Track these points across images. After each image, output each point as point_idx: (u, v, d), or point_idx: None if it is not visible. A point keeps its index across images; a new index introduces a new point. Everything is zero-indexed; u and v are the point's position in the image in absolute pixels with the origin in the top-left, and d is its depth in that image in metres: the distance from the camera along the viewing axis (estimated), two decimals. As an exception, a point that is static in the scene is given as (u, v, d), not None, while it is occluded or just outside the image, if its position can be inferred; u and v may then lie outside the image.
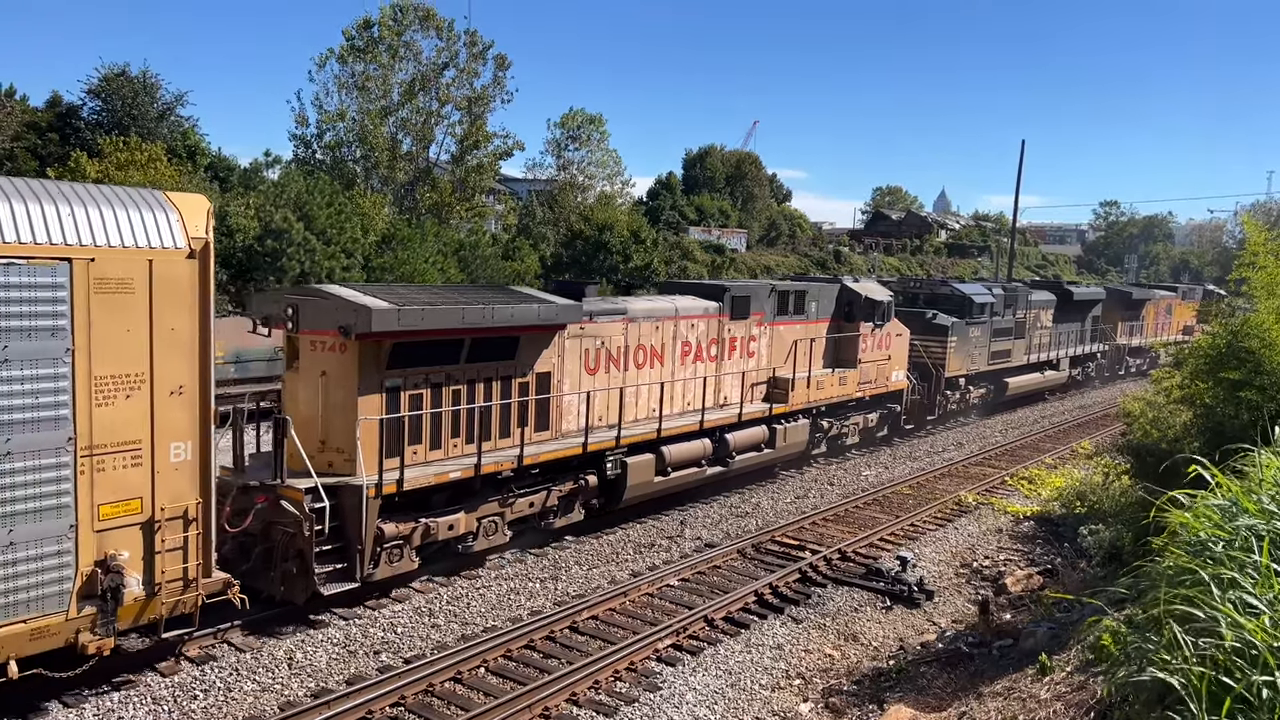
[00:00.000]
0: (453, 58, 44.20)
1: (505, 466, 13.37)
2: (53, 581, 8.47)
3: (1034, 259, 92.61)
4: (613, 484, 15.38)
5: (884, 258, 73.79)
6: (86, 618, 8.67)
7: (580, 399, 14.90)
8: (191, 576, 9.42)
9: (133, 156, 31.40)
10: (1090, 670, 7.69)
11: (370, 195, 40.10)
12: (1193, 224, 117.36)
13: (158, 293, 8.82)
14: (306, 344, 11.94)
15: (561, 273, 45.00)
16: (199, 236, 9.07)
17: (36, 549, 8.32)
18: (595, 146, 57.60)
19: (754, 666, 11.06)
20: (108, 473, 8.66)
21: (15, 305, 7.98)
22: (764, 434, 18.61)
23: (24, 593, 8.29)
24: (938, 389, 25.50)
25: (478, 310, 12.65)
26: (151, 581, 9.09)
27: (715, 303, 17.74)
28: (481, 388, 13.36)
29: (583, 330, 14.91)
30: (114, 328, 8.56)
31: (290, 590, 11.30)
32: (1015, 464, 22.51)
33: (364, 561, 11.61)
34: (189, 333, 9.08)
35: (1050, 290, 34.15)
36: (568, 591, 12.94)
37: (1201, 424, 12.63)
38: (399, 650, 10.88)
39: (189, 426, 9.19)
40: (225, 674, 9.97)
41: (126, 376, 8.71)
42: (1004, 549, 16.23)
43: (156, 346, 8.85)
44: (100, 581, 8.69)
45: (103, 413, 8.56)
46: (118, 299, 8.55)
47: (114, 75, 38.32)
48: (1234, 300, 14.19)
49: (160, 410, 8.95)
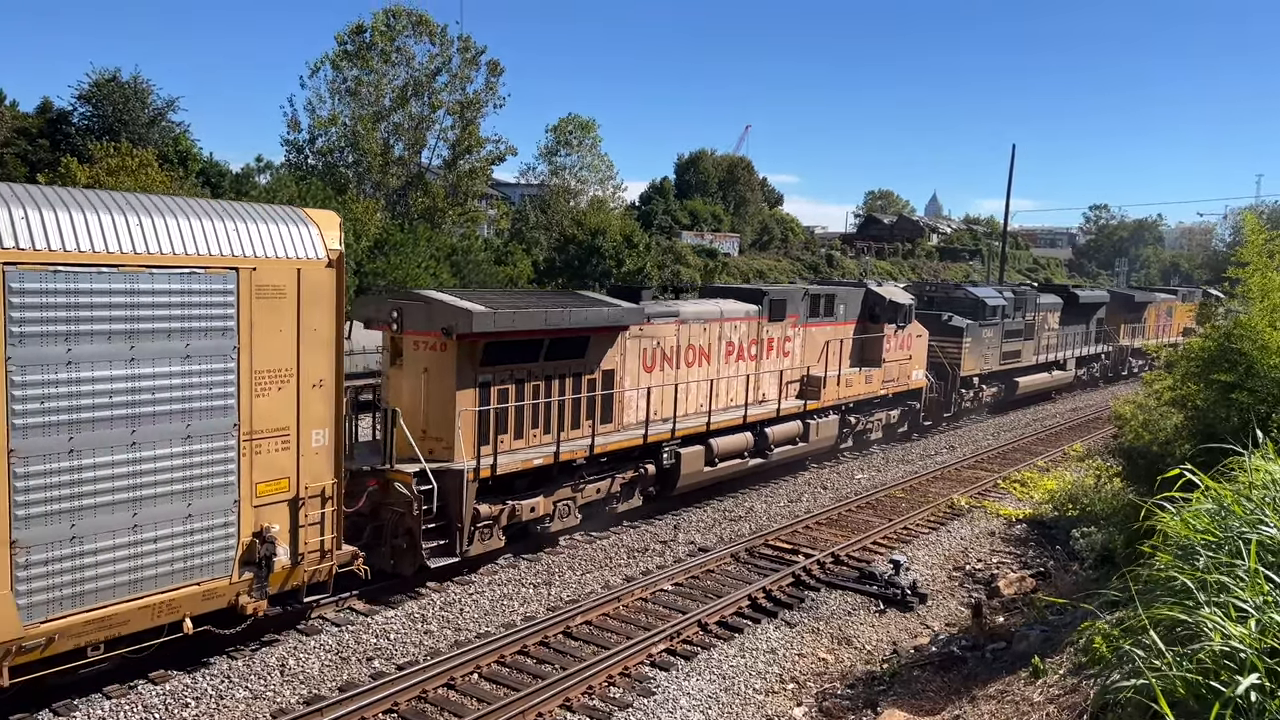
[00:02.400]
0: (445, 63, 44.28)
1: (579, 455, 14.77)
2: (220, 549, 9.76)
3: (1025, 262, 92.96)
4: (667, 473, 16.74)
5: (876, 262, 73.97)
6: (245, 582, 9.99)
7: (640, 394, 16.17)
8: (327, 548, 10.76)
9: (124, 162, 31.31)
10: (1083, 673, 7.71)
11: (363, 200, 40.07)
12: (1182, 227, 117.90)
13: (304, 297, 10.13)
14: (410, 343, 13.32)
15: (554, 278, 45.02)
16: (335, 248, 10.42)
17: (209, 520, 9.62)
18: (588, 151, 57.72)
19: (748, 671, 11.06)
20: (263, 455, 9.98)
21: (195, 309, 9.31)
22: (799, 428, 19.89)
23: (199, 559, 9.60)
24: (953, 387, 26.74)
25: (558, 313, 14.09)
26: (296, 552, 10.40)
27: (755, 306, 19.03)
28: (556, 383, 14.72)
29: (641, 331, 16.22)
30: (269, 328, 9.87)
31: (400, 564, 12.67)
32: (1008, 467, 22.56)
33: (463, 539, 12.98)
34: (327, 333, 10.42)
35: (1057, 293, 35.71)
36: (561, 597, 12.93)
37: (1193, 426, 12.66)
38: (392, 657, 10.85)
39: (326, 415, 10.53)
40: (217, 681, 9.93)
41: (279, 371, 10.02)
42: (997, 552, 16.27)
43: (302, 345, 10.17)
44: (257, 550, 9.98)
45: (260, 403, 9.88)
46: (273, 303, 9.87)
47: (105, 81, 38.27)
48: (1228, 303, 14.26)
49: (304, 401, 10.28)
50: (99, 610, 8.84)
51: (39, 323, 8.25)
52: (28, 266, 8.13)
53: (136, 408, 8.93)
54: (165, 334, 9.09)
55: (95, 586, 8.81)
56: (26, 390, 8.21)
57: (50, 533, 8.47)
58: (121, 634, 9.13)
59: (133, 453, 8.93)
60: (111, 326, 8.72)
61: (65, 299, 8.40)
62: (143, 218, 8.99)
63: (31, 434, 8.26)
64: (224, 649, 10.54)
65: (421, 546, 12.47)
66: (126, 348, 8.83)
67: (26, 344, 8.18)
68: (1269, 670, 4.21)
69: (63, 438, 8.47)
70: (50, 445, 8.40)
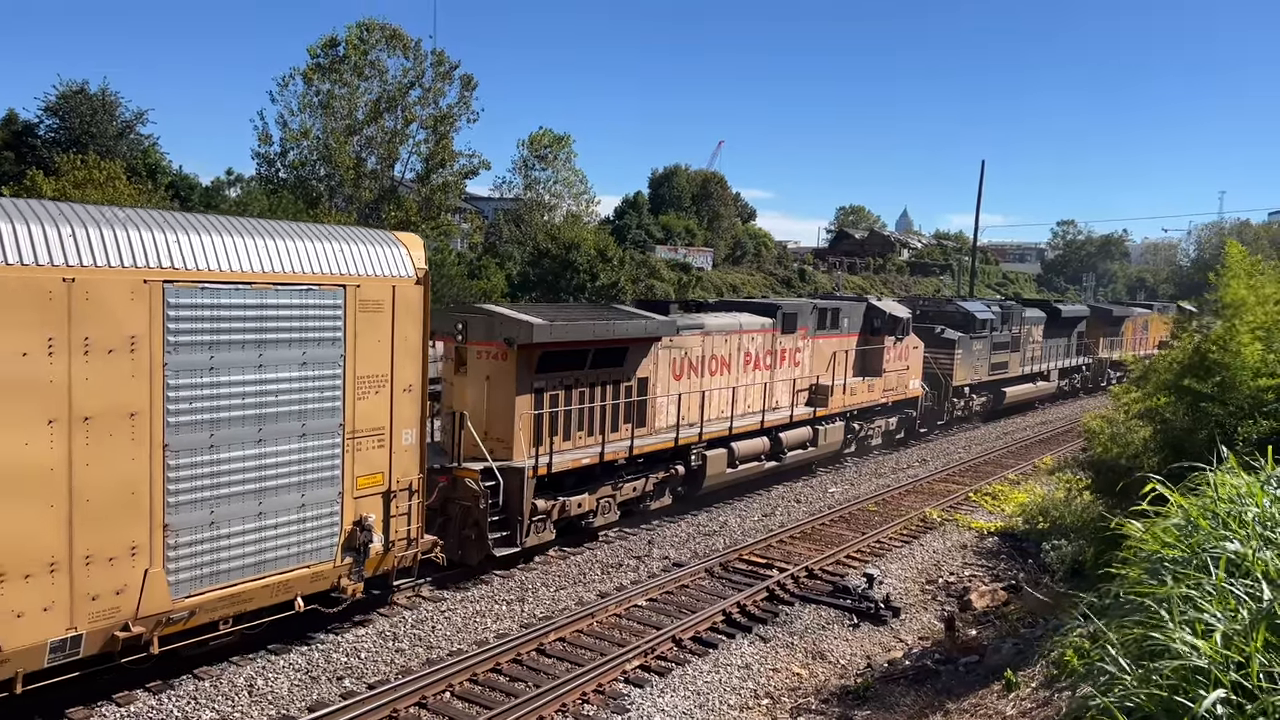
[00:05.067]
0: (419, 77, 44.13)
1: (620, 455, 16.08)
2: (326, 536, 10.91)
3: (994, 277, 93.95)
4: (694, 474, 17.94)
5: (848, 277, 74.46)
6: (346, 566, 11.16)
7: (670, 400, 17.45)
8: (413, 536, 11.93)
9: (90, 175, 30.92)
10: (1055, 686, 7.76)
11: (334, 213, 39.80)
12: (1148, 242, 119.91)
13: (397, 311, 11.32)
14: (473, 353, 14.52)
15: (529, 291, 44.90)
16: (421, 267, 11.65)
17: (318, 510, 10.78)
18: (562, 166, 57.74)
19: (722, 686, 11.02)
20: (363, 452, 11.15)
21: (311, 321, 10.49)
22: (809, 434, 21.22)
23: (310, 544, 10.75)
24: (946, 396, 28.23)
25: (603, 325, 15.52)
26: (387, 540, 11.52)
27: (769, 318, 20.27)
28: (599, 390, 15.96)
29: (670, 342, 17.44)
30: (369, 339, 11.07)
31: (467, 553, 13.85)
32: (979, 480, 22.73)
33: (523, 530, 14.20)
34: (415, 342, 11.61)
35: (1041, 308, 37.09)
36: (534, 613, 12.84)
37: (1160, 440, 12.82)
38: (362, 675, 10.72)
39: (414, 417, 11.74)
40: (183, 702, 9.75)
41: (376, 377, 11.21)
42: (969, 565, 16.37)
43: (395, 353, 11.36)
44: (356, 537, 11.11)
45: (361, 405, 11.07)
46: (372, 316, 11.07)
47: (72, 93, 37.80)
48: (1201, 319, 14.56)
49: (396, 404, 11.47)
50: (231, 588, 10.02)
51: (189, 333, 9.42)
52: (181, 284, 9.30)
53: (263, 409, 10.10)
54: (287, 343, 10.28)
55: (228, 567, 9.97)
56: (179, 392, 9.36)
57: (194, 518, 9.61)
58: (246, 610, 10.30)
59: (260, 448, 10.11)
60: (245, 336, 9.88)
61: (209, 312, 9.56)
62: (270, 240, 10.22)
63: (182, 431, 9.40)
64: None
65: (488, 537, 13.68)
66: (256, 355, 10.00)
67: (179, 352, 9.33)
68: (1235, 685, 4.24)
69: (205, 434, 9.61)
70: (195, 441, 9.54)
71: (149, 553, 9.23)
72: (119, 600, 9.06)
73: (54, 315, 8.38)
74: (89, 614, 8.85)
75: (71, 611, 8.72)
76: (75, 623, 8.76)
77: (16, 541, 8.29)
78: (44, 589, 8.51)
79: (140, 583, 9.19)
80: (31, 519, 8.37)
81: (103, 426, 8.76)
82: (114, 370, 8.81)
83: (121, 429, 8.91)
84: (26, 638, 8.43)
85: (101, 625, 8.97)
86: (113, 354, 8.80)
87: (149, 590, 9.26)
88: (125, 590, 9.10)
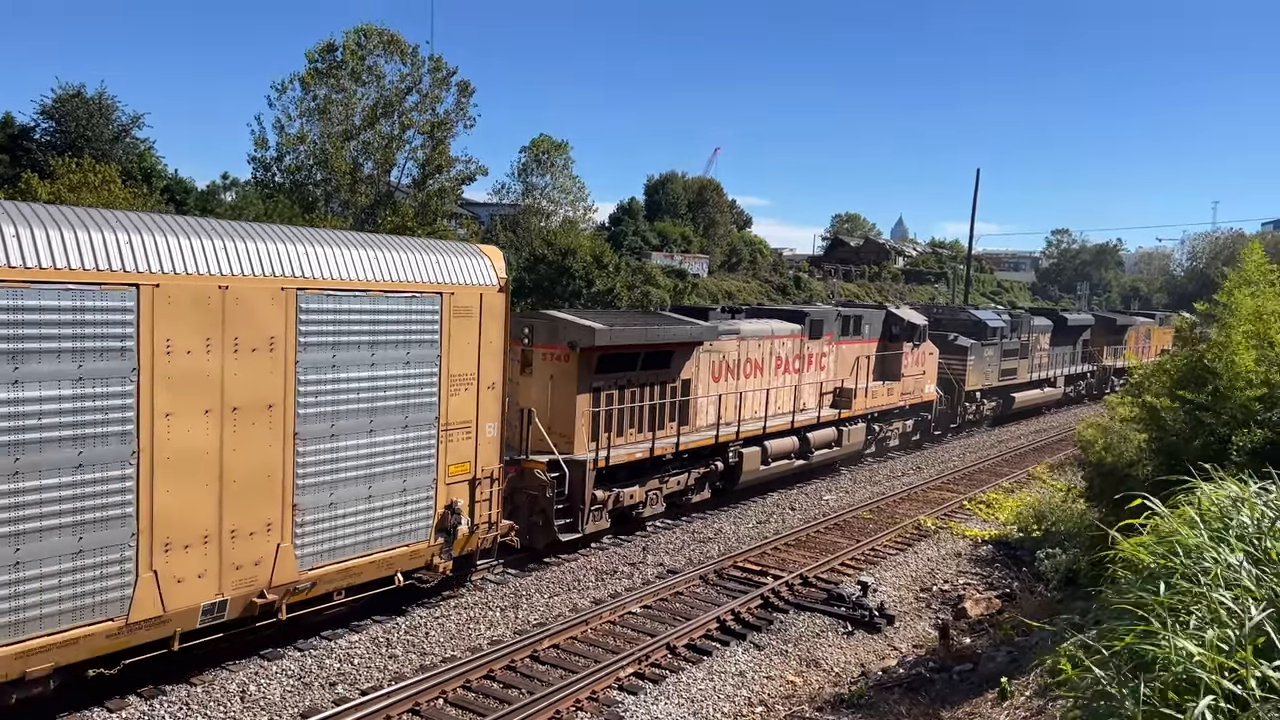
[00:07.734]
0: (416, 83, 44.11)
1: (667, 451, 17.35)
2: (423, 518, 12.09)
3: (989, 286, 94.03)
4: (731, 470, 19.16)
5: (843, 284, 74.52)
6: (438, 545, 12.34)
7: (710, 401, 18.56)
8: (494, 520, 13.13)
9: (86, 178, 30.82)
10: (1049, 695, 7.76)
11: (331, 218, 39.74)
12: (1142, 252, 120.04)
13: (484, 316, 12.53)
14: (539, 355, 15.81)
15: (525, 297, 44.85)
16: (503, 276, 12.88)
17: (416, 494, 11.95)
18: (559, 172, 57.75)
19: (716, 694, 11.00)
20: (453, 443, 12.32)
21: (414, 324, 11.66)
22: (834, 434, 22.46)
23: (409, 525, 11.93)
24: (959, 400, 29.39)
25: (654, 330, 16.82)
26: (472, 523, 12.68)
27: (798, 325, 21.46)
28: (648, 390, 17.12)
29: (710, 346, 18.55)
30: (461, 341, 12.24)
31: (534, 539, 15.12)
32: (973, 488, 22.75)
33: (585, 518, 15.45)
34: (498, 344, 12.81)
35: (1048, 316, 38.53)
36: (529, 620, 12.82)
37: (1155, 447, 12.83)
38: (355, 682, 10.68)
39: (495, 412, 12.92)
40: (175, 708, 9.71)
41: (465, 375, 12.36)
42: (963, 573, 16.37)
43: (482, 354, 12.54)
44: (447, 520, 12.24)
45: (453, 400, 12.22)
46: (464, 321, 12.26)
47: (69, 96, 37.69)
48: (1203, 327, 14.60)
49: (481, 400, 12.64)
50: (345, 563, 11.20)
51: (316, 334, 10.56)
52: (311, 291, 10.44)
53: (374, 402, 11.26)
54: (394, 344, 11.44)
55: (343, 544, 11.14)
56: (307, 387, 10.50)
57: (317, 499, 10.77)
58: (355, 584, 11.47)
59: (370, 438, 11.29)
60: (360, 338, 11.04)
61: (332, 316, 10.69)
62: (380, 252, 11.39)
63: (309, 421, 10.57)
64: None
65: (554, 523, 14.97)
66: (369, 355, 11.17)
67: (308, 351, 10.47)
68: (1227, 693, 4.25)
69: (327, 425, 10.79)
70: (319, 431, 10.70)
71: (280, 529, 10.42)
72: (256, 570, 10.25)
73: (211, 318, 9.54)
74: (233, 581, 10.03)
75: (220, 579, 9.90)
76: (223, 589, 9.94)
77: (182, 515, 9.46)
78: (199, 558, 9.69)
79: (273, 555, 10.38)
80: (192, 497, 9.54)
81: (247, 417, 9.94)
82: (257, 367, 9.98)
83: (261, 419, 10.09)
84: (185, 600, 9.61)
85: (243, 592, 10.15)
86: (255, 352, 9.97)
87: (280, 562, 10.45)
88: (261, 562, 10.28)
